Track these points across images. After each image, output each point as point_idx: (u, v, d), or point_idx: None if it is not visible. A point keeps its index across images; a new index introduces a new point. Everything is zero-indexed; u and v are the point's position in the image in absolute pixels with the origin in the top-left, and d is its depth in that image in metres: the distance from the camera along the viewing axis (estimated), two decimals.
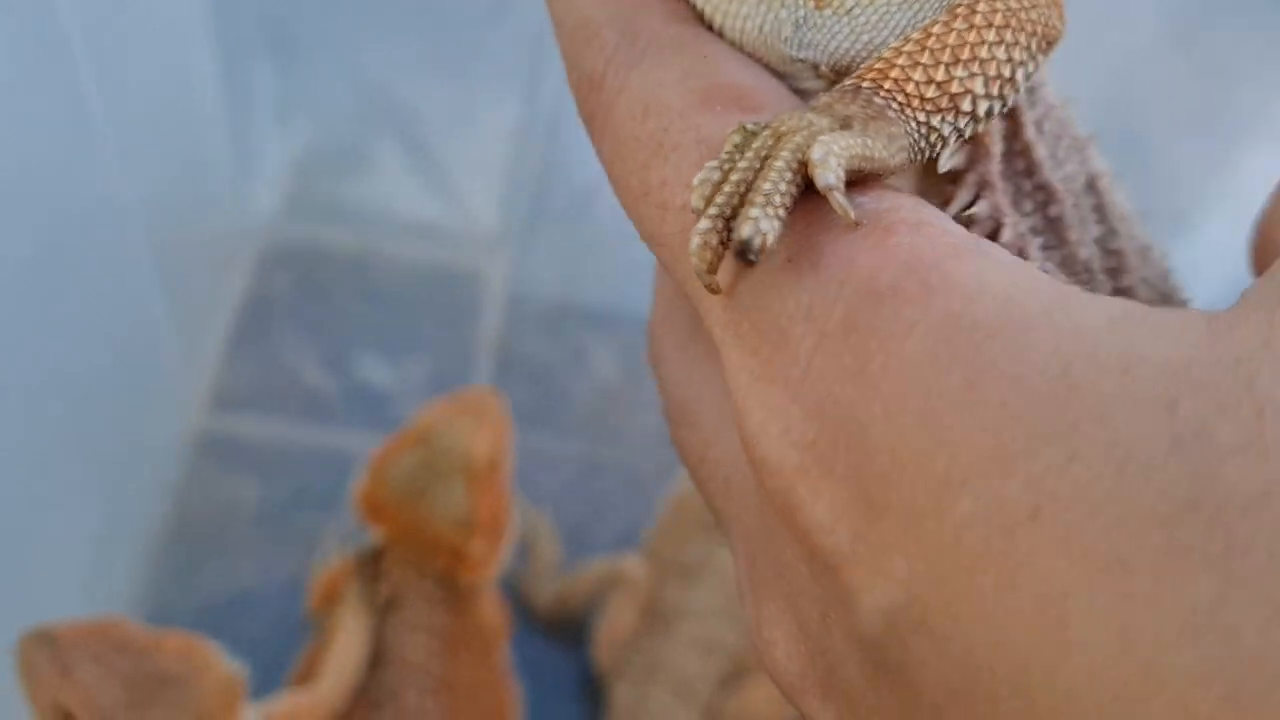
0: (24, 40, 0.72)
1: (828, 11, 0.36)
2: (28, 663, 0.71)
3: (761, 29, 0.38)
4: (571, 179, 1.28)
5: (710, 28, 0.39)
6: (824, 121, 0.32)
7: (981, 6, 0.34)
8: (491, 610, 0.94)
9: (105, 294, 0.92)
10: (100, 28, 0.80)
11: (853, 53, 0.36)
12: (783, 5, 0.37)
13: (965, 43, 0.33)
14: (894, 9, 0.36)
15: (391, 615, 0.91)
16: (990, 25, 0.34)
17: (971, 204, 0.38)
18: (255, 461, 1.15)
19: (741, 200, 0.31)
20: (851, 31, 0.36)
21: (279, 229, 1.31)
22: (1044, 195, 0.40)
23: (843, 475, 0.27)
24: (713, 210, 0.31)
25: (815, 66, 0.37)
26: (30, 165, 0.75)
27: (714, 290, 0.31)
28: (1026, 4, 0.34)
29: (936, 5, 0.35)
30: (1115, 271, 0.42)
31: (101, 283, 0.91)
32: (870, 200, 0.31)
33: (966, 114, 0.34)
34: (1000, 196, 0.39)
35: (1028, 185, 0.40)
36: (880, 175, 0.32)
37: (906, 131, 0.33)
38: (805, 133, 0.31)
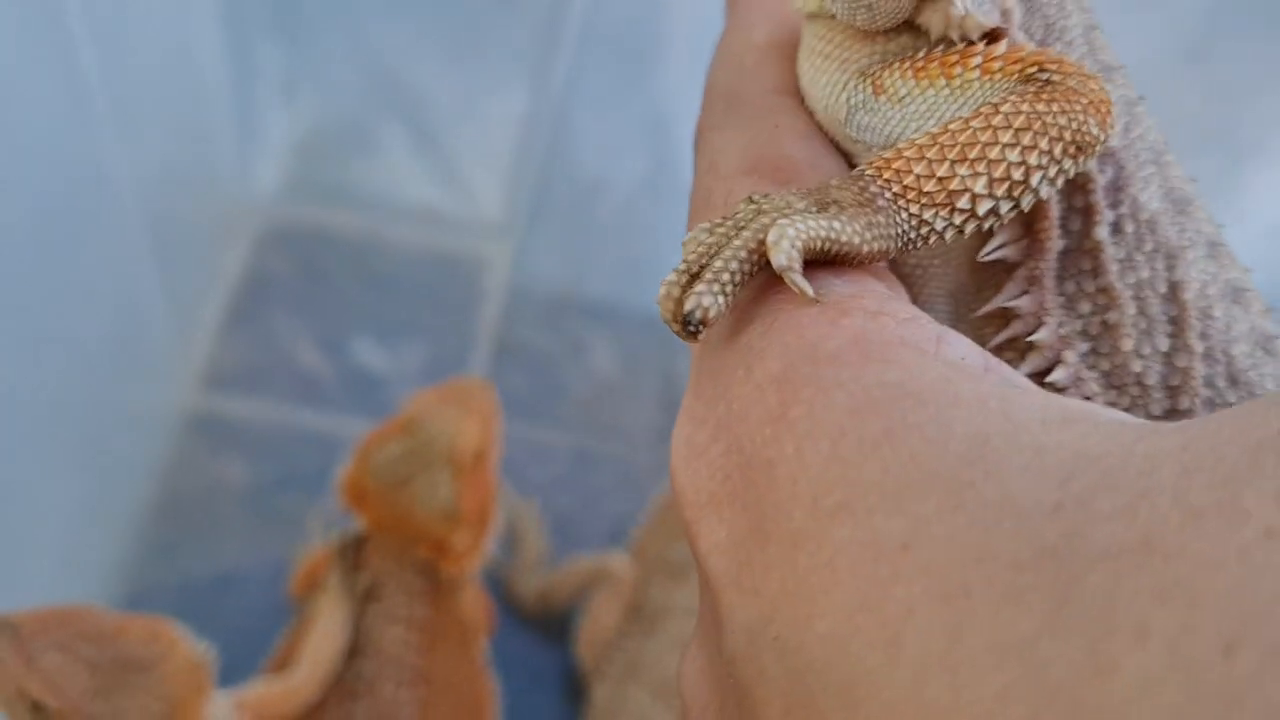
0: (18, 4, 0.71)
1: (883, 98, 0.38)
2: None
3: (826, 109, 0.41)
4: (577, 171, 1.27)
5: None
6: (802, 204, 0.34)
7: (1006, 108, 0.35)
8: (473, 604, 0.93)
9: (97, 267, 0.92)
10: None
11: (904, 138, 0.37)
12: (843, 89, 0.39)
13: (976, 142, 0.34)
14: (941, 101, 0.37)
15: (371, 605, 0.89)
16: (1008, 127, 0.34)
17: (1018, 297, 0.39)
18: (244, 442, 1.14)
19: (710, 261, 0.33)
20: (902, 119, 0.38)
21: (280, 209, 1.30)
22: (1105, 299, 0.39)
23: (744, 507, 0.29)
24: (681, 266, 0.33)
25: (870, 149, 0.39)
26: (21, 134, 0.74)
27: (682, 337, 0.33)
28: (1056, 109, 0.35)
29: (980, 102, 0.36)
30: (1176, 390, 0.40)
31: (93, 256, 0.90)
32: (841, 284, 0.33)
33: (964, 212, 0.34)
34: (1048, 295, 0.39)
35: (1090, 286, 0.39)
36: (852, 258, 0.33)
37: (895, 222, 0.34)
38: (776, 213, 0.33)
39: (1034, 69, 0.36)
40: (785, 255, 0.31)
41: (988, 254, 0.39)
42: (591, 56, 1.16)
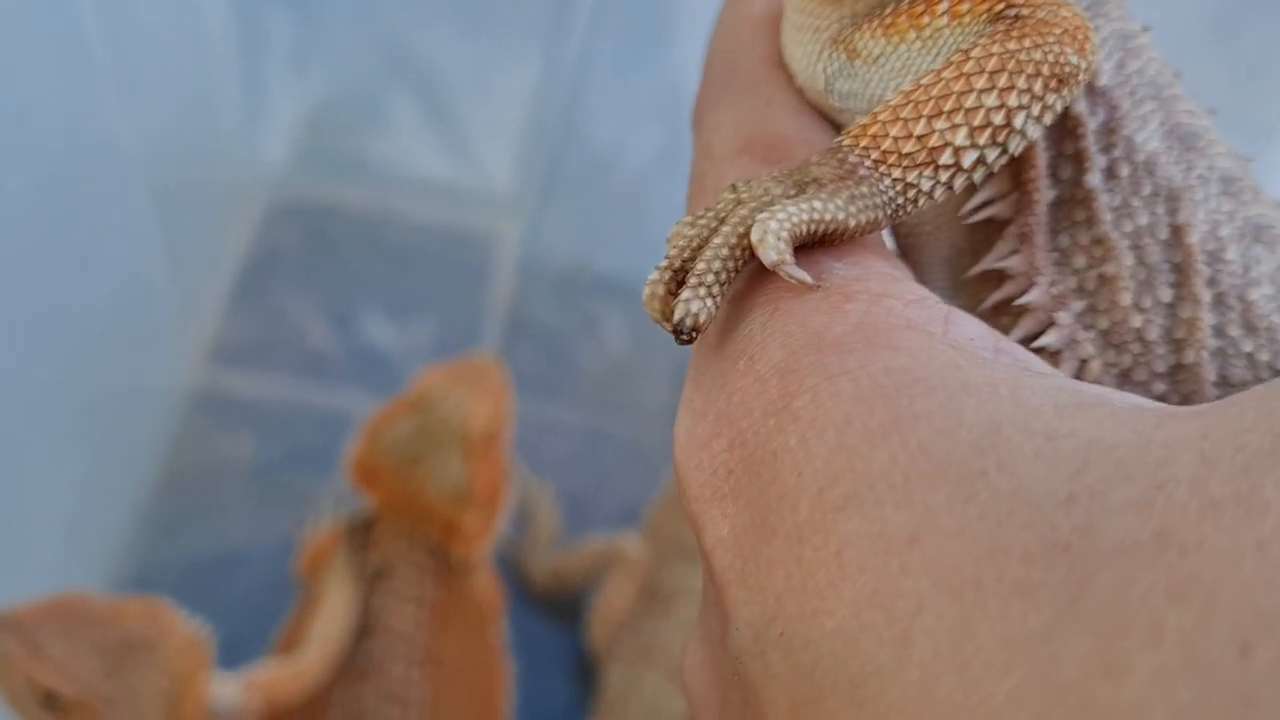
0: None
1: (858, 62, 0.37)
2: None
3: (806, 81, 0.39)
4: (589, 146, 1.26)
5: None
6: (779, 188, 0.33)
7: (976, 52, 0.33)
8: (484, 584, 0.92)
9: (101, 240, 0.91)
10: None
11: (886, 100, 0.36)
12: (818, 59, 0.38)
13: (950, 93, 0.33)
14: (915, 55, 0.36)
15: (381, 585, 0.89)
16: (981, 71, 0.33)
17: (1008, 256, 0.38)
18: (251, 418, 1.13)
19: (693, 255, 0.32)
20: (880, 80, 0.37)
21: (288, 182, 1.29)
22: (1101, 251, 0.37)
23: (748, 501, 0.28)
24: (663, 263, 0.33)
25: (857, 116, 0.37)
26: (24, 103, 0.73)
27: (676, 341, 0.32)
28: (1029, 44, 0.33)
29: (954, 50, 0.35)
30: (1181, 344, 0.38)
31: (98, 228, 0.90)
32: (843, 267, 0.32)
33: (948, 167, 0.33)
34: (1039, 252, 0.37)
35: (1084, 238, 0.37)
36: (842, 235, 0.32)
37: (878, 190, 0.33)
38: (754, 204, 0.32)
39: (1002, 6, 0.34)
40: (774, 250, 0.30)
41: (971, 211, 0.37)
42: (605, 30, 1.15)
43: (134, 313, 1.00)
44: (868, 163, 0.33)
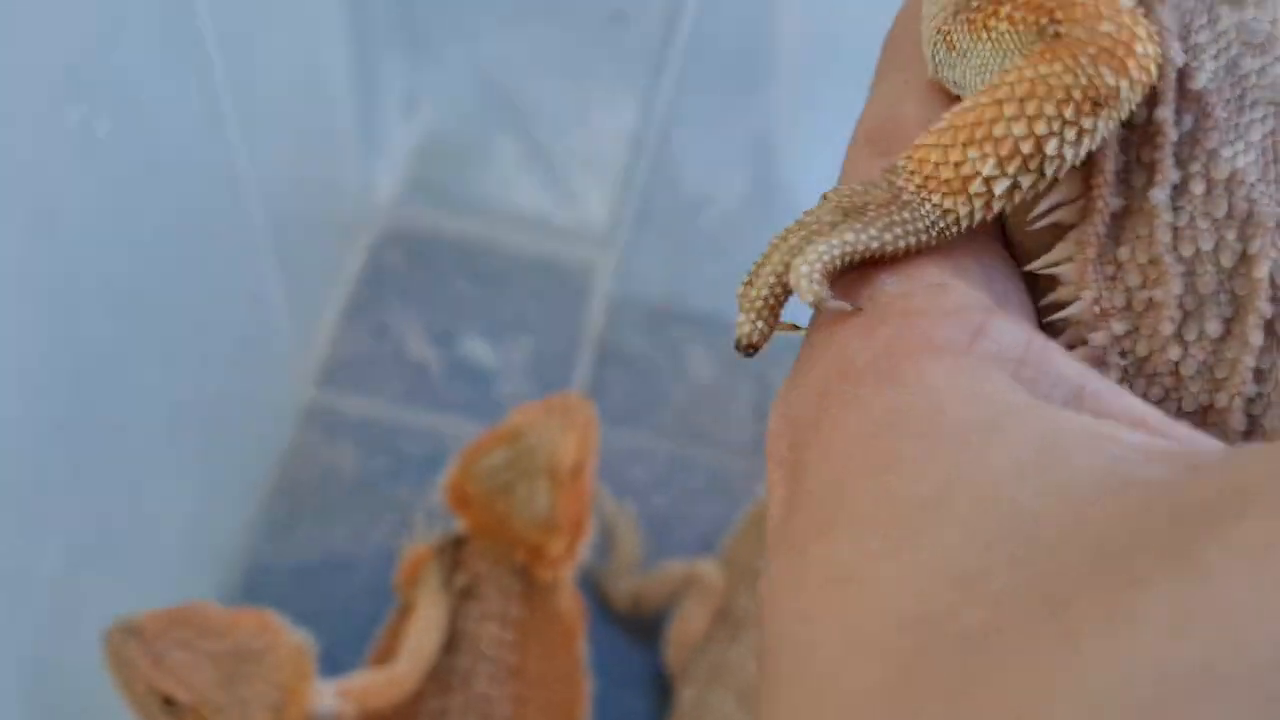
0: (159, 27, 0.75)
1: (954, 54, 0.36)
2: (117, 655, 0.76)
3: (928, 64, 0.38)
4: (680, 186, 1.29)
5: None
6: (830, 216, 0.33)
7: (1011, 76, 0.32)
8: (567, 605, 0.96)
9: (226, 269, 0.96)
10: (232, 11, 0.83)
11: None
12: (928, 46, 0.37)
13: (982, 120, 0.32)
14: (988, 55, 0.35)
15: (468, 603, 0.93)
16: (1012, 98, 0.32)
17: (1062, 263, 0.35)
18: (357, 433, 1.18)
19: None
20: (972, 72, 0.36)
21: (397, 213, 1.34)
22: (1155, 272, 0.34)
23: (790, 493, 0.30)
24: (745, 277, 0.34)
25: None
26: (159, 146, 0.79)
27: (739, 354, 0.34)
28: (1060, 68, 0.32)
29: (1016, 55, 0.34)
30: (1219, 384, 0.34)
31: (223, 258, 0.95)
32: (893, 281, 0.32)
33: (980, 195, 0.33)
34: (1091, 265, 0.34)
35: (1142, 256, 0.34)
36: (885, 260, 0.33)
37: (919, 215, 0.33)
38: (803, 233, 0.33)
39: (1046, 20, 0.33)
40: (810, 294, 0.31)
41: (1037, 216, 0.35)
42: (697, 78, 1.18)
43: (253, 335, 1.06)
44: (912, 187, 0.33)
